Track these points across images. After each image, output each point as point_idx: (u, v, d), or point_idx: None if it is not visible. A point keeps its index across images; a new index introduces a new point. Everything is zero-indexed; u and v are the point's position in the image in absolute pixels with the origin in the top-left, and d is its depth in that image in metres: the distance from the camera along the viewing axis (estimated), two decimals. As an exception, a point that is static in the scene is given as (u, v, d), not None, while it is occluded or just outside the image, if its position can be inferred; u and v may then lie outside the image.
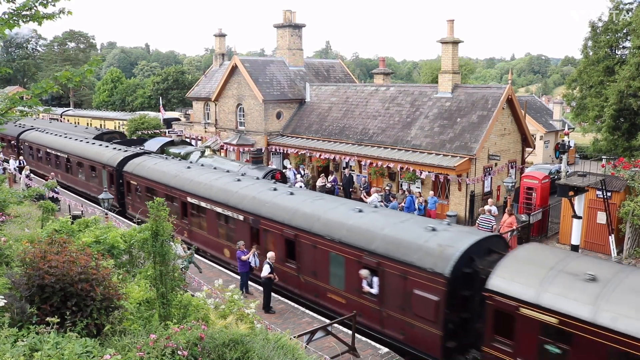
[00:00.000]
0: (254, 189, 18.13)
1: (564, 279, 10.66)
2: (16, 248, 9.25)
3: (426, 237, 12.85)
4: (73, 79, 7.58)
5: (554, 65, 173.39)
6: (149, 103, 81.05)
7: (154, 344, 5.60)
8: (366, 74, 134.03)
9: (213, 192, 19.16)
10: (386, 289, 13.17)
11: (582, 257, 12.20)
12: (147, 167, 23.75)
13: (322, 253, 14.76)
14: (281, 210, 16.36)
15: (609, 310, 9.73)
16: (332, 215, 15.11)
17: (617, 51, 33.24)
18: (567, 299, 10.28)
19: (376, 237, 13.56)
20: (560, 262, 11.24)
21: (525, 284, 10.90)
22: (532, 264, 11.49)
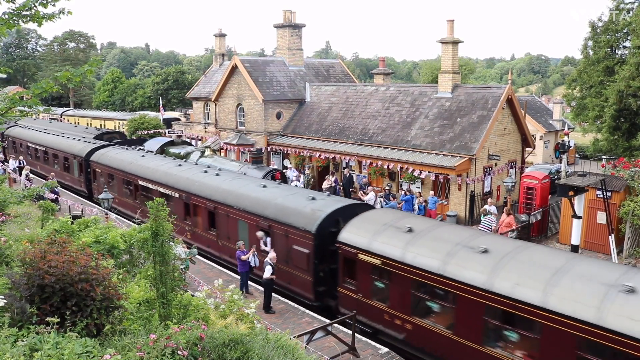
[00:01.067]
0: (189, 172, 21.71)
1: (390, 231, 13.71)
2: (16, 248, 9.25)
3: (305, 204, 16.01)
4: (73, 79, 7.58)
5: (554, 65, 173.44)
6: (149, 103, 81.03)
7: (154, 344, 5.60)
8: (366, 74, 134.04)
9: (157, 175, 22.71)
10: (276, 246, 16.17)
11: (411, 216, 15.95)
12: (109, 156, 27.11)
13: (233, 221, 18.13)
14: (205, 188, 19.87)
15: (412, 251, 12.80)
16: (242, 190, 18.54)
17: (617, 51, 33.23)
18: (388, 245, 13.35)
19: (269, 205, 16.90)
20: (392, 220, 14.26)
21: (362, 236, 13.97)
22: (372, 221, 14.47)
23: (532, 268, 11.11)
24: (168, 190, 21.56)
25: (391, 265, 13.03)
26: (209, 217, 19.42)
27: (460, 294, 11.67)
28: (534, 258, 11.48)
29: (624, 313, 9.30)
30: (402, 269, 12.79)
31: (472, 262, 11.78)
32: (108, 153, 27.51)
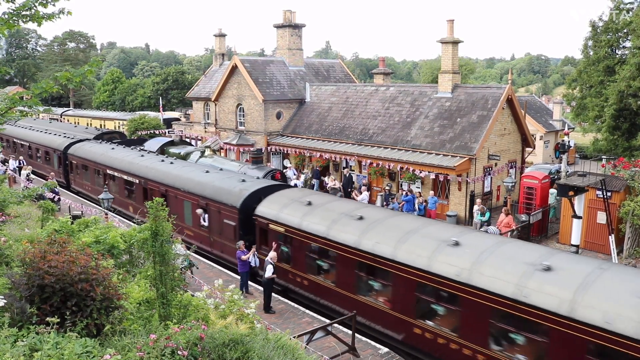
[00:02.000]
0: (147, 162, 24.59)
1: (294, 205, 16.43)
2: (16, 248, 9.25)
3: (235, 185, 18.91)
4: (73, 79, 7.58)
5: (554, 65, 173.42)
6: (149, 103, 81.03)
7: (154, 344, 5.59)
8: (366, 74, 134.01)
9: (122, 164, 25.70)
10: (211, 221, 19.27)
11: (313, 193, 19.14)
12: (84, 150, 30.11)
13: (180, 202, 21.06)
14: (159, 174, 22.92)
15: (308, 220, 15.40)
16: (188, 175, 21.65)
17: (618, 51, 33.22)
18: (291, 215, 16.03)
19: (207, 187, 19.83)
20: (298, 196, 17.06)
21: (273, 209, 16.84)
22: (283, 197, 17.33)
23: (392, 230, 13.73)
24: (130, 177, 24.65)
25: (292, 232, 15.85)
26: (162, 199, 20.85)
27: (339, 252, 14.34)
28: (396, 223, 14.16)
29: (446, 261, 12.02)
30: (299, 235, 15.57)
31: (348, 227, 14.43)
32: (83, 147, 30.70)
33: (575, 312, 9.82)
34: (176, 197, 21.19)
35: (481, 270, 11.42)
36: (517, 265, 11.22)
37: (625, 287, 9.91)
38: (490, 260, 11.60)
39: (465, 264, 11.70)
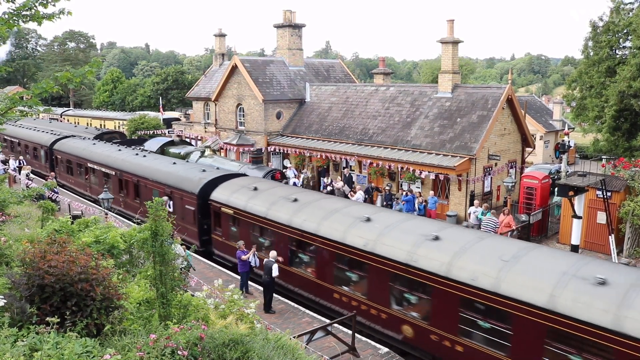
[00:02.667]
0: (123, 155, 27.01)
1: (242, 190, 18.82)
2: (16, 248, 9.25)
3: (195, 175, 21.26)
4: (73, 79, 7.58)
5: (554, 65, 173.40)
6: (149, 103, 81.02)
7: (154, 344, 5.60)
8: (366, 74, 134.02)
9: (101, 158, 28.05)
10: (175, 207, 21.31)
11: (260, 180, 20.84)
12: (68, 145, 32.54)
13: (150, 190, 23.12)
14: (132, 166, 25.12)
15: (254, 203, 17.71)
16: (156, 166, 23.87)
17: (618, 51, 33.18)
18: (239, 199, 18.45)
19: (171, 177, 22.21)
20: (246, 183, 19.43)
21: (225, 194, 19.18)
22: (234, 184, 19.64)
23: (318, 210, 15.84)
24: (108, 170, 26.90)
25: (239, 214, 18.17)
26: (134, 188, 24.69)
27: (275, 230, 16.57)
28: (323, 204, 16.29)
29: (357, 234, 14.08)
30: (245, 216, 17.94)
31: (284, 208, 16.68)
32: (67, 143, 33.04)
33: (451, 272, 11.84)
34: (146, 186, 23.53)
35: (383, 241, 13.46)
36: (412, 236, 13.29)
37: (493, 253, 11.93)
38: (392, 233, 13.66)
39: (372, 236, 13.74)
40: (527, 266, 11.21)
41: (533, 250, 12.02)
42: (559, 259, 11.49)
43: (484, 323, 11.33)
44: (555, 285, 10.42)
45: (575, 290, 10.17)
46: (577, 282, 10.34)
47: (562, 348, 10.09)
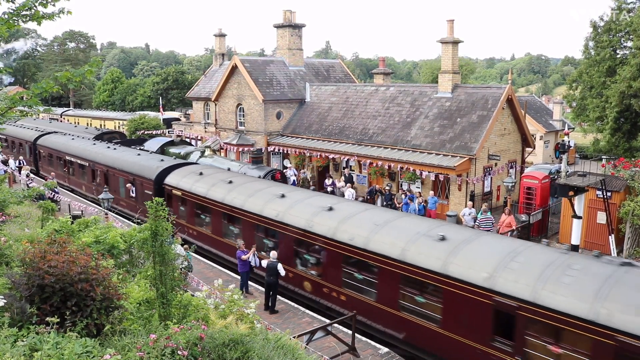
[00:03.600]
0: (96, 148, 30.15)
1: (190, 175, 21.74)
2: (16, 248, 9.24)
3: (154, 164, 24.06)
4: (73, 79, 7.58)
5: (554, 65, 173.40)
6: (149, 103, 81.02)
7: (154, 344, 5.59)
8: (366, 74, 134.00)
9: (77, 151, 30.97)
10: (137, 192, 24.46)
11: (206, 166, 23.64)
12: (50, 140, 35.50)
13: (117, 178, 26.29)
14: (103, 158, 28.17)
15: (198, 185, 20.70)
16: (122, 157, 26.74)
17: (619, 51, 33.16)
18: (186, 183, 21.31)
19: (135, 166, 25.06)
20: (194, 170, 22.39)
21: (176, 179, 22.17)
22: (184, 171, 22.63)
23: (246, 189, 18.94)
24: (83, 162, 29.84)
25: (186, 195, 21.16)
26: (104, 177, 27.59)
27: (212, 207, 19.53)
28: (250, 185, 19.43)
29: (272, 207, 16.95)
30: (190, 196, 20.89)
31: (220, 189, 19.67)
32: (49, 138, 36.02)
33: (336, 235, 14.52)
34: (114, 175, 26.63)
35: (290, 212, 16.32)
36: (312, 208, 16.09)
37: (370, 219, 14.58)
38: (298, 205, 16.54)
39: (283, 208, 16.64)
40: (392, 229, 13.81)
41: (402, 217, 15.07)
42: (419, 224, 14.11)
43: (358, 275, 14.12)
44: (407, 242, 13.07)
45: (421, 245, 12.88)
46: (424, 239, 13.01)
47: (410, 291, 12.86)
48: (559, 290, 10.27)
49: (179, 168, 23.04)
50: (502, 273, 11.11)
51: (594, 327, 9.53)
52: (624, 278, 10.22)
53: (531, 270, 10.88)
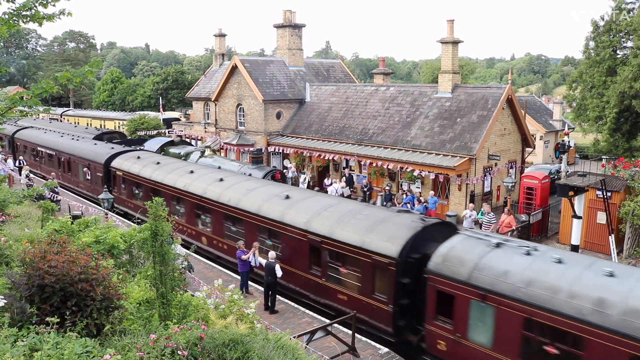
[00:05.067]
0: (62, 140, 34.26)
1: (131, 159, 25.52)
2: (16, 248, 9.25)
3: (104, 151, 28.28)
4: (73, 79, 7.58)
5: (554, 65, 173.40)
6: (149, 103, 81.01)
7: (154, 344, 5.60)
8: (366, 74, 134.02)
9: (48, 143, 35.11)
10: (91, 175, 28.71)
11: (147, 153, 27.81)
12: (25, 134, 39.96)
13: (77, 165, 30.60)
14: (66, 147, 32.38)
15: (135, 167, 24.50)
16: (81, 146, 31.28)
17: (619, 51, 33.14)
18: (126, 165, 25.32)
19: (90, 153, 29.50)
20: (134, 155, 26.25)
21: (121, 163, 25.92)
22: (128, 156, 26.38)
23: (168, 168, 22.88)
24: (51, 151, 34.08)
25: (126, 175, 25.04)
26: (67, 164, 31.70)
27: (143, 182, 23.62)
28: (175, 166, 23.29)
29: (194, 184, 20.62)
30: (129, 176, 24.91)
31: (149, 168, 23.76)
32: (25, 132, 40.38)
33: (220, 198, 18.86)
34: (75, 162, 30.83)
35: (193, 183, 20.54)
36: (209, 180, 20.24)
37: (247, 187, 18.82)
38: (201, 178, 20.80)
39: (189, 181, 20.98)
40: (257, 193, 18.12)
41: (267, 185, 19.44)
42: (275, 188, 18.46)
43: (233, 227, 18.27)
44: (263, 201, 17.34)
45: (272, 203, 17.04)
46: (275, 198, 17.23)
47: (263, 236, 17.01)
48: (346, 228, 14.47)
49: (123, 154, 26.97)
50: (315, 219, 15.39)
51: (362, 251, 13.69)
52: (391, 219, 14.33)
53: (333, 217, 15.13)
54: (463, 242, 12.50)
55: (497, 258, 11.64)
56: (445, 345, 12.19)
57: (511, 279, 11.00)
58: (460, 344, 11.87)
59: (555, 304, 10.19)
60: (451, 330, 11.97)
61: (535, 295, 10.51)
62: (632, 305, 9.44)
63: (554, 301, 10.23)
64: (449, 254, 12.18)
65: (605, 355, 9.53)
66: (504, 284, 11.02)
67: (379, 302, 13.38)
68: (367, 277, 13.65)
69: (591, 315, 9.73)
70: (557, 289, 10.37)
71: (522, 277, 10.91)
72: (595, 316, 9.67)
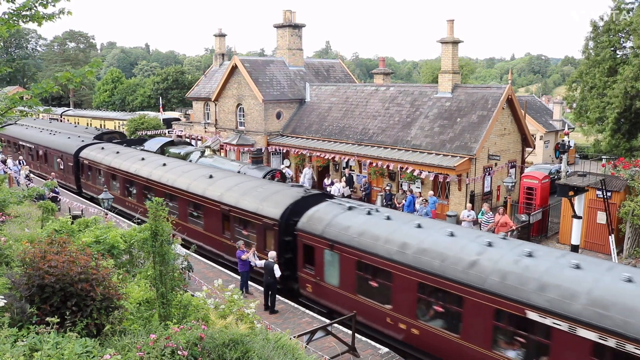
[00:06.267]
0: (40, 134, 38.06)
1: (96, 149, 29.55)
2: (16, 248, 9.24)
3: (75, 143, 31.75)
4: (73, 79, 7.58)
5: (554, 65, 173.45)
6: (149, 103, 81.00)
7: (154, 344, 5.60)
8: (366, 74, 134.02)
9: (26, 137, 39.13)
10: (64, 164, 32.01)
11: (111, 145, 31.08)
12: (9, 130, 41.93)
13: (52, 155, 34.02)
14: (43, 141, 36.07)
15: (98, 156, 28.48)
16: (57, 140, 34.65)
17: (619, 51, 33.12)
18: (92, 154, 29.06)
19: (61, 145, 33.01)
20: (99, 147, 29.91)
21: (86, 153, 29.59)
22: (94, 147, 30.21)
23: (125, 156, 26.70)
24: (30, 145, 37.61)
25: (92, 163, 28.73)
26: (45, 156, 35.17)
27: (105, 170, 27.13)
28: (132, 154, 27.11)
29: (142, 169, 24.32)
30: (94, 163, 28.51)
31: (109, 157, 27.40)
32: (10, 128, 42.41)
33: (161, 179, 22.67)
34: (50, 154, 34.31)
35: (142, 169, 24.22)
36: (154, 165, 24.08)
37: (183, 170, 22.77)
38: (130, 159, 25.88)
39: (130, 163, 25.51)
40: (187, 173, 22.09)
41: (198, 168, 22.96)
42: (202, 170, 22.25)
43: (170, 202, 21.15)
44: (192, 179, 21.10)
45: (198, 181, 20.78)
46: (201, 178, 20.91)
47: (192, 210, 20.74)
48: (247, 199, 18.06)
49: (90, 146, 30.78)
50: (227, 192, 19.01)
51: (257, 215, 17.16)
52: (282, 192, 17.78)
53: (240, 190, 18.80)
54: (325, 207, 15.72)
55: (345, 217, 14.74)
56: (311, 287, 15.37)
57: (350, 232, 14.06)
58: (320, 285, 15.03)
59: (375, 248, 13.34)
60: (313, 275, 15.17)
61: (364, 242, 13.64)
62: (423, 246, 12.59)
63: (375, 246, 13.37)
64: (312, 215, 15.40)
65: (404, 284, 12.63)
66: (344, 236, 14.10)
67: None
68: (261, 237, 17.09)
69: (396, 254, 12.84)
70: (378, 237, 13.49)
71: (357, 230, 14.00)
72: (398, 255, 12.79)
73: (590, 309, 9.41)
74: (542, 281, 10.31)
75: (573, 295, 9.76)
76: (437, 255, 12.08)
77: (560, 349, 9.77)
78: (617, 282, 9.75)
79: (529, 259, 11.00)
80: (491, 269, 11.11)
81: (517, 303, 10.35)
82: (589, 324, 9.30)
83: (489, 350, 10.89)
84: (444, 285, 11.66)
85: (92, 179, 28.84)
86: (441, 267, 11.77)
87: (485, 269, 11.20)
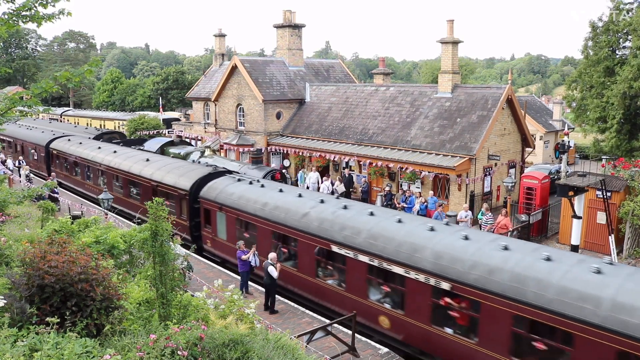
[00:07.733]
0: (20, 130, 40.42)
1: (64, 141, 33.46)
2: (16, 248, 9.24)
3: (47, 136, 35.69)
4: (73, 79, 7.58)
5: (554, 65, 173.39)
6: (149, 103, 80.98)
7: (154, 344, 5.60)
8: (366, 74, 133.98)
9: (15, 135, 40.34)
10: (38, 155, 35.61)
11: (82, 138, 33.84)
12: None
13: (28, 148, 37.39)
14: (22, 136, 39.05)
15: (67, 147, 32.43)
16: (32, 134, 38.30)
17: (618, 51, 33.12)
18: (61, 145, 33.31)
19: (35, 139, 36.89)
20: (69, 139, 33.63)
21: (56, 144, 33.63)
22: (63, 139, 33.84)
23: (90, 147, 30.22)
24: (18, 142, 39.79)
25: (60, 153, 32.41)
26: (22, 148, 38.48)
27: (77, 160, 30.10)
28: (91, 145, 30.95)
29: (98, 155, 28.73)
30: (63, 154, 31.95)
31: (74, 147, 31.25)
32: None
33: (110, 163, 26.54)
34: (27, 146, 37.75)
35: (98, 156, 28.22)
36: (107, 152, 27.96)
37: (128, 154, 26.62)
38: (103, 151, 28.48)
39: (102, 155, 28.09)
40: (134, 159, 25.68)
41: (142, 153, 26.81)
42: (144, 155, 25.66)
43: (116, 182, 25.87)
44: (133, 163, 25.10)
45: (138, 164, 24.63)
46: (140, 161, 24.77)
47: (131, 186, 24.38)
48: (170, 175, 22.19)
49: (60, 138, 34.03)
50: (157, 171, 23.05)
51: (175, 188, 21.28)
52: (197, 170, 21.95)
53: (166, 169, 22.84)
54: (221, 180, 20.02)
55: (233, 187, 19.02)
56: (210, 243, 19.83)
57: (233, 197, 18.43)
58: (215, 240, 19.45)
59: (246, 208, 17.64)
60: (210, 232, 19.59)
61: (242, 203, 17.93)
62: (278, 204, 16.84)
63: (247, 206, 17.68)
64: (211, 186, 19.81)
65: (265, 232, 16.95)
66: (229, 200, 18.48)
67: (183, 221, 20.67)
68: (178, 205, 21.12)
69: (259, 211, 17.22)
70: (249, 199, 17.82)
71: (238, 195, 18.31)
72: (260, 212, 17.18)
73: (367, 240, 13.67)
74: (342, 224, 14.55)
75: (359, 232, 14.03)
76: (284, 210, 16.33)
77: (350, 270, 14.23)
78: (391, 223, 13.97)
79: (344, 211, 15.15)
80: (315, 217, 15.38)
81: (326, 240, 14.64)
82: (365, 251, 13.62)
83: (313, 278, 15.38)
84: (287, 232, 16.01)
85: (60, 166, 32.94)
86: (285, 218, 16.17)
87: (311, 219, 15.44)
